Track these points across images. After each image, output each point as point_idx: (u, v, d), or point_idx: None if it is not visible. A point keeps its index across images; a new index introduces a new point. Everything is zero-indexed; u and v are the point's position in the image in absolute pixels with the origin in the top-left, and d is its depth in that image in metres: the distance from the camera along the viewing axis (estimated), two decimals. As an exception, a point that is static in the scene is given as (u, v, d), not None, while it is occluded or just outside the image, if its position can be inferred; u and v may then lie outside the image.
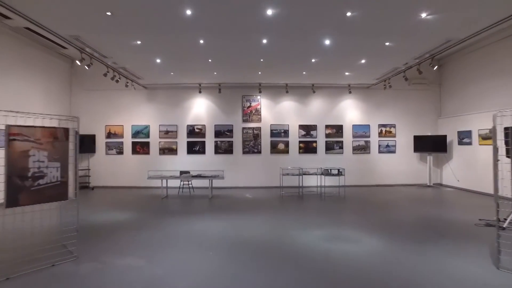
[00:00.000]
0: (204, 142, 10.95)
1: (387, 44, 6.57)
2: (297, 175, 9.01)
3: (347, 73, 9.21)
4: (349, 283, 3.41)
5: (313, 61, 7.83)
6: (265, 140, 11.01)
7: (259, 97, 11.01)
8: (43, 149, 3.87)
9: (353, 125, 11.23)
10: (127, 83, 9.15)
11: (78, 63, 6.83)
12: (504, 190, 3.74)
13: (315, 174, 9.09)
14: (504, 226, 5.09)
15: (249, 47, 6.90)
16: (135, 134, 10.93)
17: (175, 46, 6.83)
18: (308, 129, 11.12)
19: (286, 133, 11.04)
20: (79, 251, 4.18)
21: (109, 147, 10.91)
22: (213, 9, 5.07)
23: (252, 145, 10.97)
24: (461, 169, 10.01)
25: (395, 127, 11.29)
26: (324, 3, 4.88)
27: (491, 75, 8.76)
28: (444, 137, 10.44)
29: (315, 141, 11.12)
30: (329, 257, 4.18)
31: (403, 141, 11.26)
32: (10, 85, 7.81)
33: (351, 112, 11.28)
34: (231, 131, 10.96)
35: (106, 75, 8.32)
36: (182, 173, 9.53)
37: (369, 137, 11.26)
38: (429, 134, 11.04)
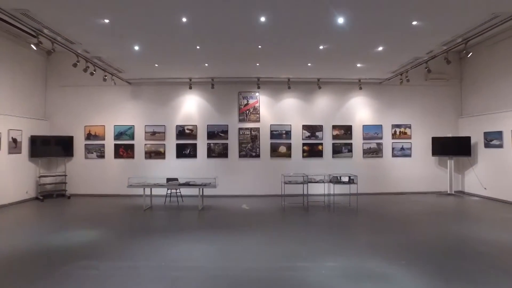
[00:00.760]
0: (195, 144, 9.71)
1: (414, 23, 5.32)
2: (301, 183, 7.75)
3: (359, 65, 7.98)
4: None
5: (321, 48, 6.60)
6: (265, 142, 9.77)
7: (257, 93, 9.78)
8: None
9: (363, 126, 9.98)
10: (105, 76, 7.94)
11: (33, 47, 5.59)
12: None
13: (322, 182, 7.83)
14: None
15: (244, 28, 5.68)
16: (118, 135, 9.71)
17: (152, 27, 5.62)
18: (313, 130, 9.87)
19: (288, 134, 9.80)
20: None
21: (88, 150, 9.68)
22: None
23: (249, 148, 9.73)
24: (488, 175, 8.74)
25: (410, 127, 10.04)
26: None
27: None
28: (467, 139, 9.18)
29: (321, 144, 9.87)
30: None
31: (420, 143, 10.00)
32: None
33: (361, 111, 10.03)
34: (226, 132, 9.72)
35: (76, 65, 7.05)
36: (169, 180, 8.30)
37: (381, 138, 10.00)
38: (449, 135, 9.78)
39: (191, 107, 9.77)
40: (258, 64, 7.85)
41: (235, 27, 5.65)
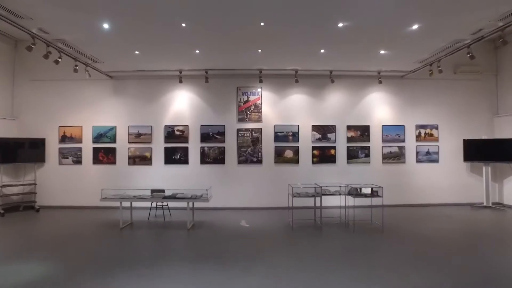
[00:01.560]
0: (186, 148, 8.32)
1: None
2: (312, 196, 6.32)
3: (382, 51, 6.58)
4: None
5: (340, 25, 5.20)
6: (268, 145, 8.37)
7: (259, 89, 8.40)
8: None
9: (383, 126, 8.56)
10: (76, 66, 6.58)
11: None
12: None
13: (338, 194, 6.42)
14: None
15: None
16: (98, 137, 8.35)
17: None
18: (324, 131, 8.46)
19: (295, 136, 8.40)
20: None
21: (63, 154, 8.32)
22: None
23: (250, 152, 8.33)
24: (536, 186, 7.30)
25: (437, 128, 8.61)
26: None
27: None
28: (510, 142, 7.75)
29: (334, 147, 8.45)
30: None
31: (449, 146, 8.57)
32: None
33: (380, 109, 8.61)
34: (222, 134, 8.33)
35: (48, 57, 5.76)
36: (153, 192, 6.92)
37: (403, 141, 8.58)
38: (484, 137, 8.35)
39: (182, 105, 8.40)
40: (260, 50, 6.46)
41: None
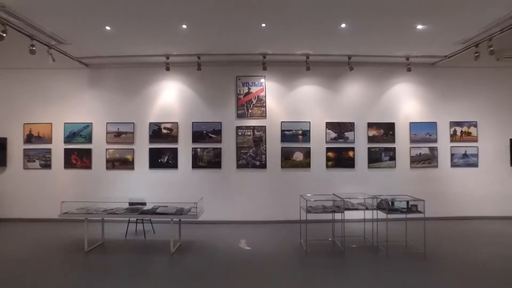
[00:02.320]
0: (176, 149, 6.95)
1: None
2: (331, 212, 4.89)
3: (419, 26, 5.17)
4: None
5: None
6: (273, 146, 6.97)
7: (263, 79, 7.03)
8: None
9: (410, 124, 7.14)
10: (33, 46, 5.24)
11: None
12: None
13: (364, 208, 5.01)
14: None
15: None
16: (70, 137, 7.01)
17: None
18: (341, 130, 7.06)
19: (306, 135, 7.00)
20: None
21: (29, 157, 6.99)
22: None
23: (252, 154, 6.94)
24: None
25: (476, 126, 7.18)
26: None
27: None
28: None
29: (352, 149, 7.04)
30: None
31: (490, 147, 7.13)
32: None
33: (407, 103, 7.19)
34: (218, 133, 6.96)
35: (2, 38, 4.54)
36: (132, 205, 5.57)
37: (435, 141, 7.15)
38: (534, 136, 6.92)
39: (171, 98, 7.04)
40: (264, 24, 5.08)
41: None
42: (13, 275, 3.95)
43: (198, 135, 6.92)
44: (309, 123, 7.00)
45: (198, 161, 6.90)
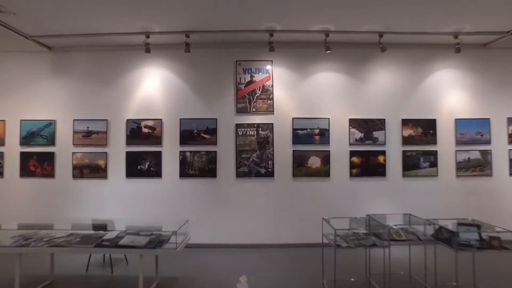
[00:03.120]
0: (159, 153, 5.51)
1: None
2: (372, 246, 3.40)
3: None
4: None
5: None
6: (283, 149, 5.50)
7: (269, 65, 5.58)
8: None
9: (456, 120, 5.64)
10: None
11: None
12: None
13: (416, 239, 3.53)
14: None
15: None
16: (28, 137, 5.61)
17: None
18: (368, 129, 5.58)
19: (324, 135, 5.53)
20: None
21: (-23, 163, 5.61)
22: None
23: (255, 160, 5.48)
24: None
25: (540, 123, 5.67)
26: None
27: None
28: None
29: (383, 152, 5.55)
30: None
31: (559, 151, 5.62)
32: None
33: (452, 94, 5.70)
34: (213, 132, 5.51)
35: None
36: (96, 228, 4.18)
37: (489, 143, 5.64)
38: None
39: (153, 88, 5.61)
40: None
41: None
42: None
43: (187, 136, 5.48)
44: (328, 120, 5.53)
45: (187, 169, 5.45)
